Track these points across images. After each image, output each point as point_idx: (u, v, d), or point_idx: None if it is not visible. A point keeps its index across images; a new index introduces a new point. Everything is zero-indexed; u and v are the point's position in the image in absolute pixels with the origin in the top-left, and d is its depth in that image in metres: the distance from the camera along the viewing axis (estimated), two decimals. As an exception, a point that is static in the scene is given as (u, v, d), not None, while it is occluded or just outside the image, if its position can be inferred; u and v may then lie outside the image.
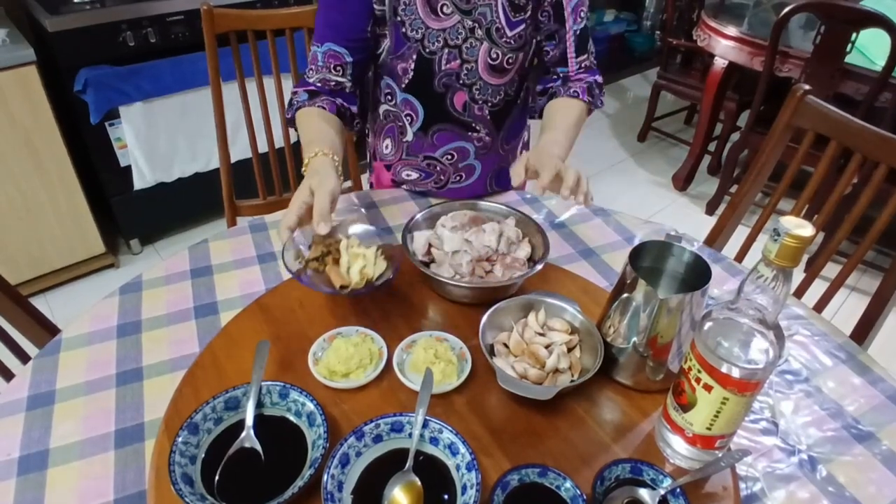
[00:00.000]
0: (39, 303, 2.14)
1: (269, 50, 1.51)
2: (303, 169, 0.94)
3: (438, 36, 1.04)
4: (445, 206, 1.04)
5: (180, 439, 0.67)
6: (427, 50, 1.05)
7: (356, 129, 1.16)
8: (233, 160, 1.67)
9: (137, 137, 2.10)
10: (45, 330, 1.09)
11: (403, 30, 1.03)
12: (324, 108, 1.05)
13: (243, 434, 0.70)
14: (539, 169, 0.89)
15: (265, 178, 1.61)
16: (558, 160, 0.91)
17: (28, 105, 1.87)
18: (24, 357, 1.09)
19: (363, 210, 1.18)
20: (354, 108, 1.11)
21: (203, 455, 0.69)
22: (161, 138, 2.16)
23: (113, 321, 0.91)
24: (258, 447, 0.69)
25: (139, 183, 2.21)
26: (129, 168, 2.17)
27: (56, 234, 2.12)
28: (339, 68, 1.06)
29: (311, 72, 1.08)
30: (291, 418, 0.74)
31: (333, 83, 1.07)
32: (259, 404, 0.73)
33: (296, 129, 1.11)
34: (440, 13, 1.02)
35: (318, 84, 1.07)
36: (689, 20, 3.09)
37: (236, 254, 1.05)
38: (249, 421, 0.71)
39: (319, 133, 1.00)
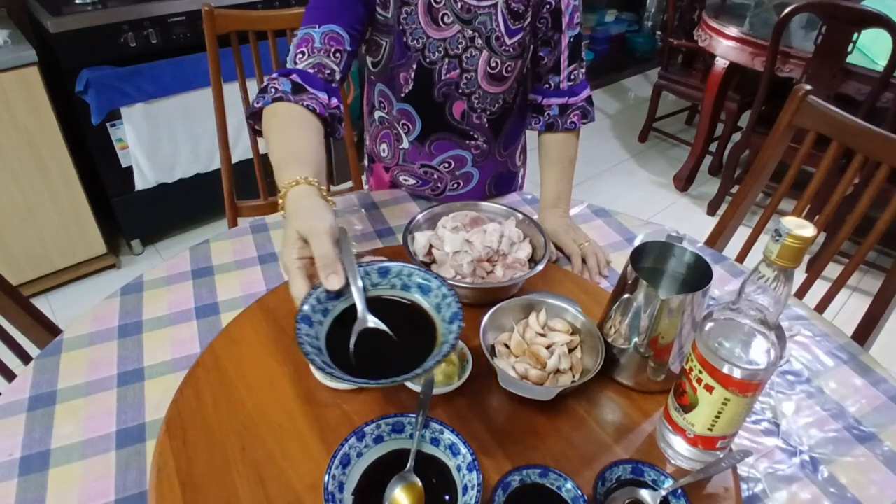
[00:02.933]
0: (41, 303, 2.14)
1: (271, 50, 1.51)
2: (279, 197, 0.71)
3: (439, 46, 1.02)
4: (446, 206, 1.04)
5: (303, 331, 0.62)
6: (427, 60, 1.04)
7: (339, 136, 0.94)
8: (234, 161, 1.67)
9: (139, 138, 2.10)
10: (46, 330, 1.09)
11: (405, 39, 1.02)
12: (312, 109, 0.83)
13: (360, 317, 0.65)
14: (565, 251, 1.06)
15: (267, 179, 1.62)
16: (574, 245, 1.05)
17: (30, 106, 1.87)
18: (25, 357, 1.09)
19: (363, 210, 1.18)
20: (342, 109, 0.91)
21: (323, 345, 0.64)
22: (162, 139, 2.16)
23: (114, 321, 0.91)
24: (383, 326, 0.65)
25: (140, 183, 2.21)
26: (130, 169, 2.17)
27: (58, 234, 2.12)
28: (337, 55, 0.88)
29: (300, 55, 0.87)
30: (400, 295, 0.70)
31: (328, 71, 0.88)
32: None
33: (257, 130, 0.88)
34: (441, 23, 1.00)
35: (311, 70, 0.86)
36: (690, 20, 3.09)
37: (237, 254, 1.05)
38: (361, 305, 0.65)
39: (303, 149, 0.78)
